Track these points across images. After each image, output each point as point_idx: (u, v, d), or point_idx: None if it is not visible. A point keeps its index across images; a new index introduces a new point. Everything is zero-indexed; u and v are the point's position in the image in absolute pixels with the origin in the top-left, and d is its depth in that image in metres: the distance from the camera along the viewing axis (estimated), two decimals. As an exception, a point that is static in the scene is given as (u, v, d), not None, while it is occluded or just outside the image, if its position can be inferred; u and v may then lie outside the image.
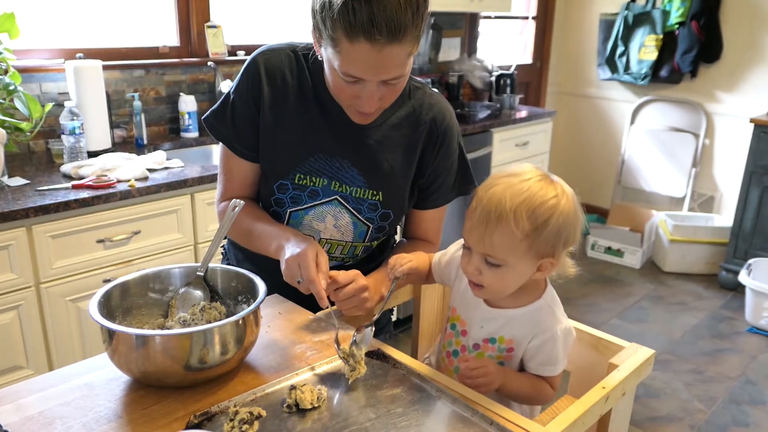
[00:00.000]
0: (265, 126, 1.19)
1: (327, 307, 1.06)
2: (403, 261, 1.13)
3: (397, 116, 1.21)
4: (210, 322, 1.04)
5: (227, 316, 1.07)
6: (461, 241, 1.19)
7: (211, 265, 1.11)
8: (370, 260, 1.36)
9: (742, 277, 3.26)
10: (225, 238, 1.39)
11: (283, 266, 1.08)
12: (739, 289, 3.54)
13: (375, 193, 1.22)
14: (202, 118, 1.26)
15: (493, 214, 0.97)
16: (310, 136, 1.19)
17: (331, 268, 1.27)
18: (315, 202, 1.22)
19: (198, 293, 1.09)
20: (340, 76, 1.03)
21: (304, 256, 1.04)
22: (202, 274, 1.10)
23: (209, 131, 1.23)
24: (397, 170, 1.22)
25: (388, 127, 1.21)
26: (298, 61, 1.18)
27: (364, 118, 1.13)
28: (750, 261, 3.37)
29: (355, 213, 1.23)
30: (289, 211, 1.23)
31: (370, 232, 1.26)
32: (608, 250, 4.06)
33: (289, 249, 1.08)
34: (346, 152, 1.20)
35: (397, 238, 1.44)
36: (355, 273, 1.12)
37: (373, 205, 1.22)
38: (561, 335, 1.05)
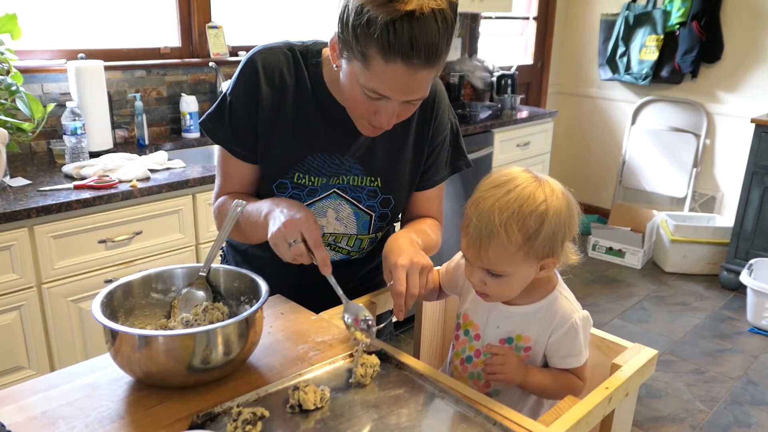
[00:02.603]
0: (264, 126, 1.18)
1: (330, 274, 1.05)
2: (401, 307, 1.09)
3: None
4: (213, 323, 1.04)
5: (230, 317, 1.07)
6: None
7: (213, 265, 1.11)
8: (371, 257, 1.35)
9: (744, 278, 3.26)
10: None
11: (275, 228, 1.02)
12: (740, 289, 3.54)
13: (373, 179, 1.21)
14: (199, 121, 1.24)
15: (485, 231, 0.97)
16: (308, 135, 1.18)
17: (338, 261, 1.27)
18: (314, 199, 1.21)
19: (201, 294, 1.09)
20: (362, 91, 1.02)
21: (306, 222, 1.01)
22: (204, 274, 1.10)
23: (207, 135, 1.22)
24: (393, 153, 1.22)
25: None
26: (296, 60, 1.17)
27: (375, 132, 1.12)
28: (751, 261, 3.37)
29: (355, 202, 1.22)
30: None
31: (373, 221, 1.25)
32: (609, 250, 4.06)
33: (285, 213, 1.04)
34: (344, 149, 1.19)
35: (397, 227, 1.43)
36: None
37: (372, 192, 1.22)
38: (580, 323, 1.05)
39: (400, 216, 1.35)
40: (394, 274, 1.06)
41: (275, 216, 1.05)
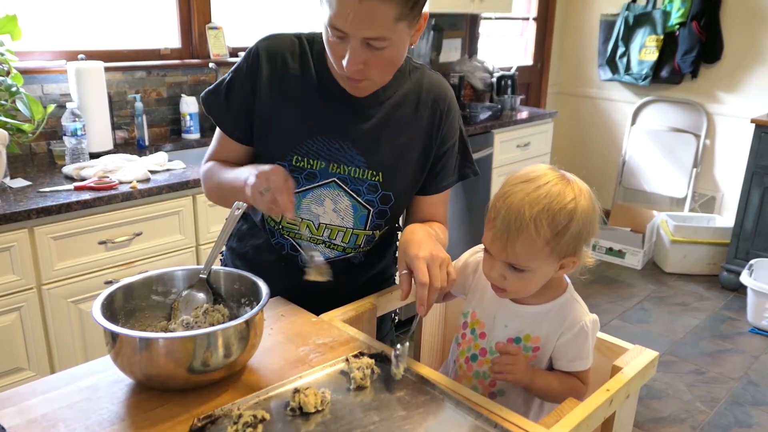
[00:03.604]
0: (262, 107, 1.19)
1: (293, 218, 1.10)
2: (430, 297, 1.06)
3: (398, 95, 1.21)
4: (213, 325, 1.04)
5: (230, 319, 1.07)
6: (473, 249, 1.19)
7: (214, 267, 1.11)
8: (371, 263, 1.35)
9: (744, 278, 3.26)
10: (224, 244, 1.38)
11: (251, 180, 1.07)
12: (740, 289, 3.54)
13: (374, 173, 1.21)
14: (201, 95, 1.27)
15: (513, 225, 0.97)
16: (309, 119, 1.19)
17: (333, 258, 1.27)
18: (312, 185, 1.21)
19: (201, 296, 1.09)
20: (329, 35, 1.05)
21: (276, 170, 1.05)
22: (205, 276, 1.10)
23: (204, 107, 1.25)
24: (398, 150, 1.21)
25: (388, 106, 1.20)
26: (302, 47, 1.20)
27: (355, 87, 1.12)
28: (751, 261, 3.37)
29: (354, 195, 1.22)
30: None
31: (370, 217, 1.24)
32: (609, 251, 4.06)
33: (258, 169, 1.08)
34: (346, 134, 1.19)
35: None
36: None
37: (373, 186, 1.21)
38: (590, 326, 1.06)
39: (401, 220, 1.34)
40: (415, 266, 1.04)
41: (250, 175, 1.08)
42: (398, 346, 1.02)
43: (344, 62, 1.05)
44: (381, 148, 1.20)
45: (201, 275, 1.10)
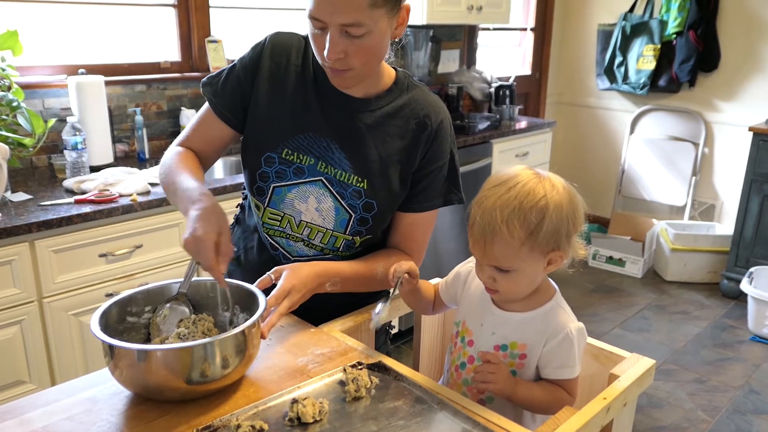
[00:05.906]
0: (258, 97, 1.23)
1: (225, 288, 1.08)
2: (403, 266, 1.12)
3: (392, 106, 1.23)
4: (205, 333, 1.04)
5: (216, 326, 1.08)
6: (466, 261, 1.21)
7: (179, 280, 1.11)
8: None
9: (744, 286, 3.26)
10: None
11: (183, 238, 1.02)
12: (741, 297, 3.54)
13: (360, 179, 1.22)
14: (202, 80, 1.32)
15: (488, 229, 1.00)
16: (302, 114, 1.22)
17: (311, 258, 1.27)
18: (299, 180, 1.23)
19: (183, 308, 1.10)
20: (311, 29, 1.08)
21: (203, 241, 1.00)
22: (185, 291, 1.10)
23: (201, 89, 1.29)
24: (385, 159, 1.22)
25: (381, 114, 1.22)
26: (306, 46, 1.24)
27: (340, 79, 1.14)
28: (751, 269, 3.38)
29: (338, 198, 1.23)
30: (273, 186, 1.24)
31: (351, 222, 1.24)
32: (610, 259, 4.07)
33: (191, 223, 1.02)
34: (335, 134, 1.22)
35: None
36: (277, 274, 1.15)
37: (357, 192, 1.22)
38: (576, 334, 1.06)
39: (382, 234, 1.33)
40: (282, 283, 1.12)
41: (188, 221, 1.04)
42: (379, 305, 1.10)
43: (325, 53, 1.08)
44: (368, 155, 1.22)
45: (181, 290, 1.10)
